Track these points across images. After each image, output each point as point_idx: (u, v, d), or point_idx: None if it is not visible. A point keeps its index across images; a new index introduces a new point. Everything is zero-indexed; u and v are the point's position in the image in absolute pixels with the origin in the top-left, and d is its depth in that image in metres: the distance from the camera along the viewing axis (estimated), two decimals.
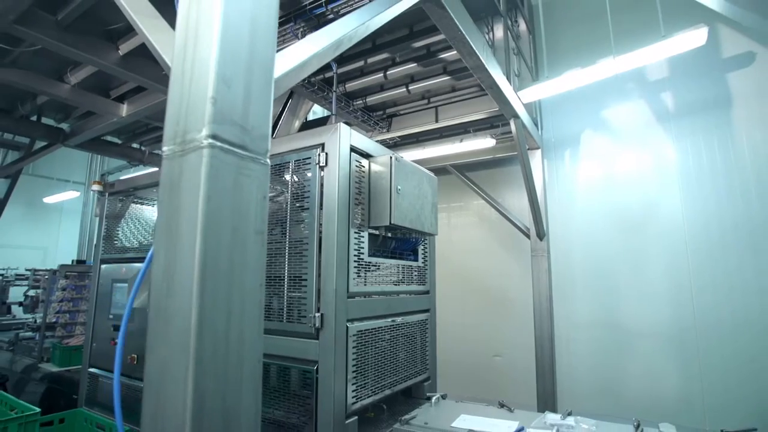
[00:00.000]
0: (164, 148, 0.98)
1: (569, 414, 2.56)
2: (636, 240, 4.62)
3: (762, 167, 4.22)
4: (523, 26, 4.83)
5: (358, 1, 2.45)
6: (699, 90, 4.63)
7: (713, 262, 4.26)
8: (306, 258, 2.41)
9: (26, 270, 6.01)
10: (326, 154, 2.47)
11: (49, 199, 8.41)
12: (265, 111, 1.05)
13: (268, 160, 1.03)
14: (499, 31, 3.80)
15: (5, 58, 3.08)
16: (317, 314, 2.31)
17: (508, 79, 3.64)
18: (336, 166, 2.42)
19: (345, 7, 2.49)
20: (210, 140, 0.90)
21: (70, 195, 8.17)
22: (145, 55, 3.16)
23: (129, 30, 2.94)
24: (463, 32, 2.59)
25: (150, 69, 3.24)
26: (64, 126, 4.35)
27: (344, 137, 2.49)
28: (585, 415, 2.39)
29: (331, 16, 2.55)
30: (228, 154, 0.93)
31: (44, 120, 4.34)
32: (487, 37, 4.32)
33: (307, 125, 3.97)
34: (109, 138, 4.78)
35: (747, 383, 3.97)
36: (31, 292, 5.84)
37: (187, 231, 0.87)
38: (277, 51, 1.14)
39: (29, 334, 5.64)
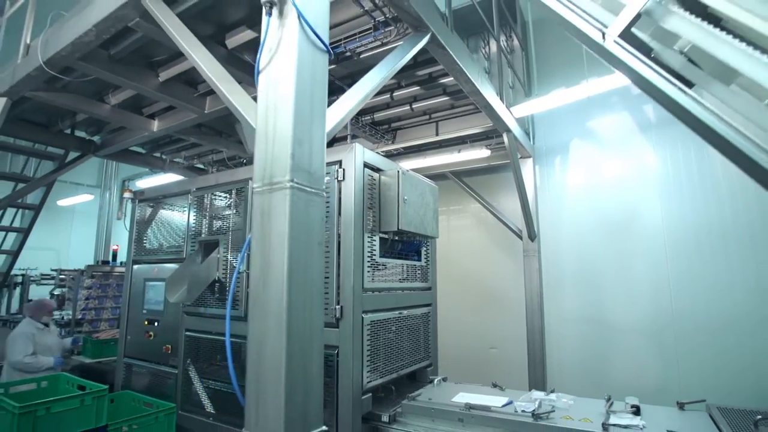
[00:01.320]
0: (255, 185, 1.45)
1: (552, 392, 3.05)
2: (620, 242, 5.08)
3: (732, 175, 4.70)
4: (516, 42, 5.29)
5: (372, 44, 2.92)
6: None
7: (689, 262, 4.71)
8: (328, 259, 2.88)
9: (51, 270, 6.45)
10: (343, 170, 2.94)
11: (62, 202, 8.84)
12: (322, 158, 1.52)
13: (324, 193, 1.51)
14: (495, 45, 4.27)
15: (57, 84, 3.54)
16: (337, 306, 2.79)
17: (501, 98, 4.11)
18: (352, 180, 2.89)
19: (361, 48, 2.95)
20: (291, 183, 1.36)
21: (84, 198, 8.60)
22: (179, 80, 3.63)
23: (167, 61, 3.40)
24: (461, 65, 3.06)
25: (182, 92, 3.70)
26: (96, 138, 4.80)
27: (359, 155, 2.96)
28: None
29: (348, 53, 3.01)
30: (301, 192, 1.40)
31: (77, 133, 4.79)
32: (483, 51, 4.80)
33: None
34: (133, 148, 5.23)
35: (719, 372, 4.43)
36: (57, 291, 6.30)
37: (277, 243, 1.34)
38: None
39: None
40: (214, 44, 2.93)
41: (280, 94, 1.44)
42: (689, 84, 1.24)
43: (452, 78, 3.34)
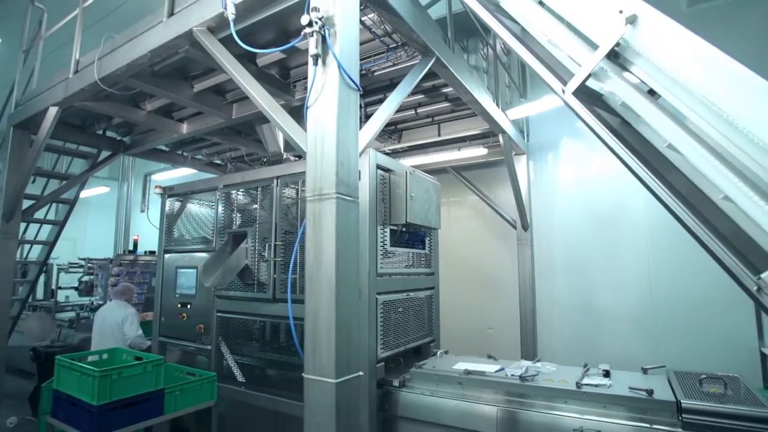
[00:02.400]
0: (308, 195, 1.96)
1: (538, 361, 3.62)
2: (607, 234, 5.57)
3: None
4: None
5: (384, 64, 3.39)
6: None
7: (668, 251, 5.22)
8: None
9: (79, 258, 6.98)
10: (359, 171, 3.44)
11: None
12: (356, 173, 2.03)
13: (358, 201, 2.02)
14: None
15: (101, 93, 4.01)
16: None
17: (497, 102, 4.59)
18: (366, 180, 3.38)
19: (375, 67, 3.43)
20: (336, 195, 1.87)
21: (100, 190, 9.07)
22: (210, 90, 4.10)
23: (201, 75, 3.87)
24: (460, 80, 3.54)
25: (212, 100, 4.18)
26: (126, 139, 5.28)
27: (372, 159, 3.45)
28: None
29: (364, 72, 3.49)
30: (343, 201, 1.91)
31: (108, 134, 5.26)
32: (482, 52, 5.24)
33: None
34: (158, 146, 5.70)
35: (693, 345, 4.98)
36: (85, 278, 6.83)
37: (326, 239, 1.86)
38: None
39: (85, 314, 6.63)
40: (247, 62, 3.39)
41: (326, 127, 1.94)
42: (628, 123, 1.74)
43: (453, 89, 3.83)
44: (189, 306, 4.70)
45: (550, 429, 2.83)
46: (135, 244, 7.40)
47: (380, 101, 4.39)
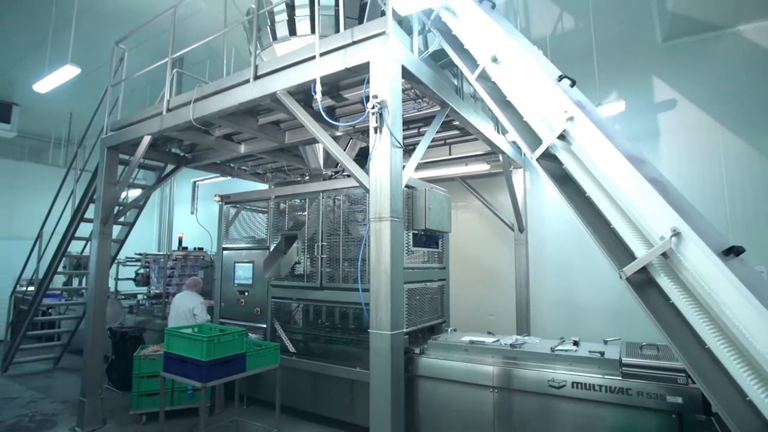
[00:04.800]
0: (372, 217, 3.14)
1: (526, 335, 4.80)
2: (586, 239, 6.69)
3: (677, 185, 6.33)
4: None
5: (412, 110, 4.56)
6: (641, 124, 6.71)
7: None
8: None
9: (136, 254, 8.21)
10: None
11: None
12: (401, 202, 3.20)
13: (403, 222, 3.19)
14: None
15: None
16: None
17: (497, 129, 5.74)
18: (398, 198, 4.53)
19: (405, 114, 4.59)
20: (390, 218, 3.04)
21: (136, 193, 10.27)
22: (272, 124, 5.26)
23: (264, 111, 5.02)
24: (467, 119, 4.70)
25: (270, 130, 5.33)
26: (188, 155, 6.46)
27: (403, 181, 4.60)
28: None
29: None
30: (394, 221, 3.08)
31: (173, 150, 6.44)
32: None
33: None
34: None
35: (655, 332, 6.14)
36: (141, 271, 8.05)
37: (384, 245, 3.04)
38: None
39: (143, 302, 7.87)
40: (305, 106, 4.55)
41: (382, 173, 3.11)
42: (569, 175, 2.90)
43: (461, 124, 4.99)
44: (246, 293, 5.91)
45: (532, 380, 4.01)
46: (180, 241, 8.62)
47: (410, 131, 5.59)
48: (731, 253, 2.19)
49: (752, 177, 5.99)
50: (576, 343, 4.34)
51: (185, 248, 7.79)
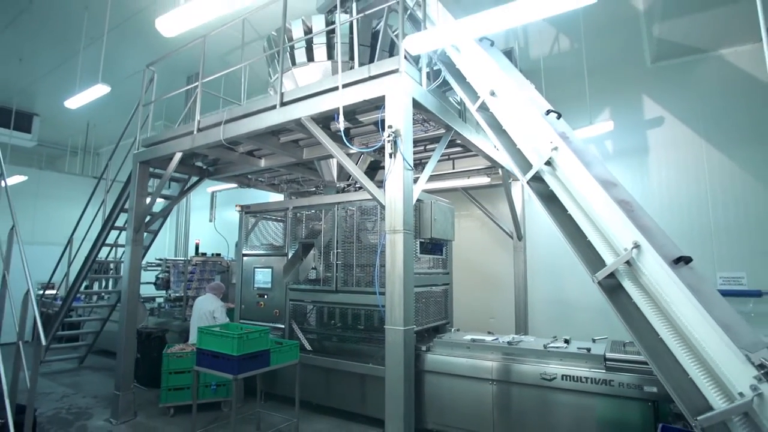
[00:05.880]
0: (387, 230, 3.71)
1: (523, 334, 5.36)
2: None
3: (663, 197, 6.91)
4: None
5: (420, 132, 5.15)
6: (632, 140, 7.29)
7: None
8: None
9: (156, 259, 8.80)
10: None
11: None
12: (412, 216, 3.77)
13: (413, 235, 3.77)
14: None
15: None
16: None
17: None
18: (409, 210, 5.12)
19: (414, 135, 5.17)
20: (402, 230, 3.62)
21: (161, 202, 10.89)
22: (291, 142, 5.85)
23: (286, 130, 5.61)
24: (469, 139, 5.28)
25: (290, 147, 5.92)
26: (210, 168, 7.06)
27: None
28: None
29: None
30: (405, 233, 3.65)
31: (196, 163, 7.03)
32: None
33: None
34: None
35: None
36: (161, 275, 8.62)
37: (398, 254, 3.61)
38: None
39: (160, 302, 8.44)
40: (323, 127, 5.13)
41: (396, 192, 3.69)
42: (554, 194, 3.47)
43: (463, 143, 5.57)
44: (265, 296, 6.48)
45: (527, 374, 4.56)
46: (197, 248, 9.20)
47: (417, 147, 6.17)
48: (681, 261, 2.76)
49: (733, 188, 6.55)
50: (567, 341, 4.89)
51: (204, 254, 8.38)
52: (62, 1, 7.74)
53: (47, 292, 9.70)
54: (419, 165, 7.09)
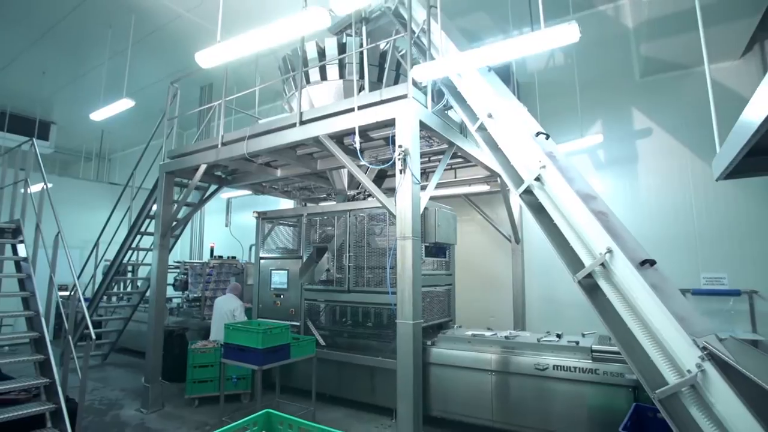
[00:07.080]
0: (398, 237, 4.29)
1: (521, 330, 5.93)
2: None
3: (654, 202, 7.48)
4: None
5: (425, 146, 5.72)
6: (622, 149, 7.86)
7: None
8: None
9: (175, 261, 9.39)
10: None
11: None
12: (419, 224, 4.35)
13: (420, 240, 4.34)
14: None
15: None
16: None
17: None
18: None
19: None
20: (411, 237, 4.19)
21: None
22: (306, 154, 6.43)
23: (302, 145, 6.18)
24: (469, 152, 5.86)
25: (305, 159, 6.50)
26: (228, 177, 7.65)
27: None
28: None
29: None
30: (414, 240, 4.22)
31: (215, 172, 7.62)
32: None
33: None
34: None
35: None
36: (179, 277, 9.21)
37: (408, 258, 4.19)
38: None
39: (178, 302, 9.02)
40: (337, 142, 5.70)
41: (405, 203, 4.26)
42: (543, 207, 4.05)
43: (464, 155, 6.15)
44: (282, 296, 7.06)
45: (523, 365, 5.12)
46: (211, 251, 9.79)
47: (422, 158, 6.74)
48: (646, 263, 3.33)
49: (716, 195, 7.11)
50: (558, 336, 5.46)
51: (220, 257, 8.96)
52: (87, 22, 8.33)
53: (61, 293, 10.28)
54: (424, 174, 7.69)
